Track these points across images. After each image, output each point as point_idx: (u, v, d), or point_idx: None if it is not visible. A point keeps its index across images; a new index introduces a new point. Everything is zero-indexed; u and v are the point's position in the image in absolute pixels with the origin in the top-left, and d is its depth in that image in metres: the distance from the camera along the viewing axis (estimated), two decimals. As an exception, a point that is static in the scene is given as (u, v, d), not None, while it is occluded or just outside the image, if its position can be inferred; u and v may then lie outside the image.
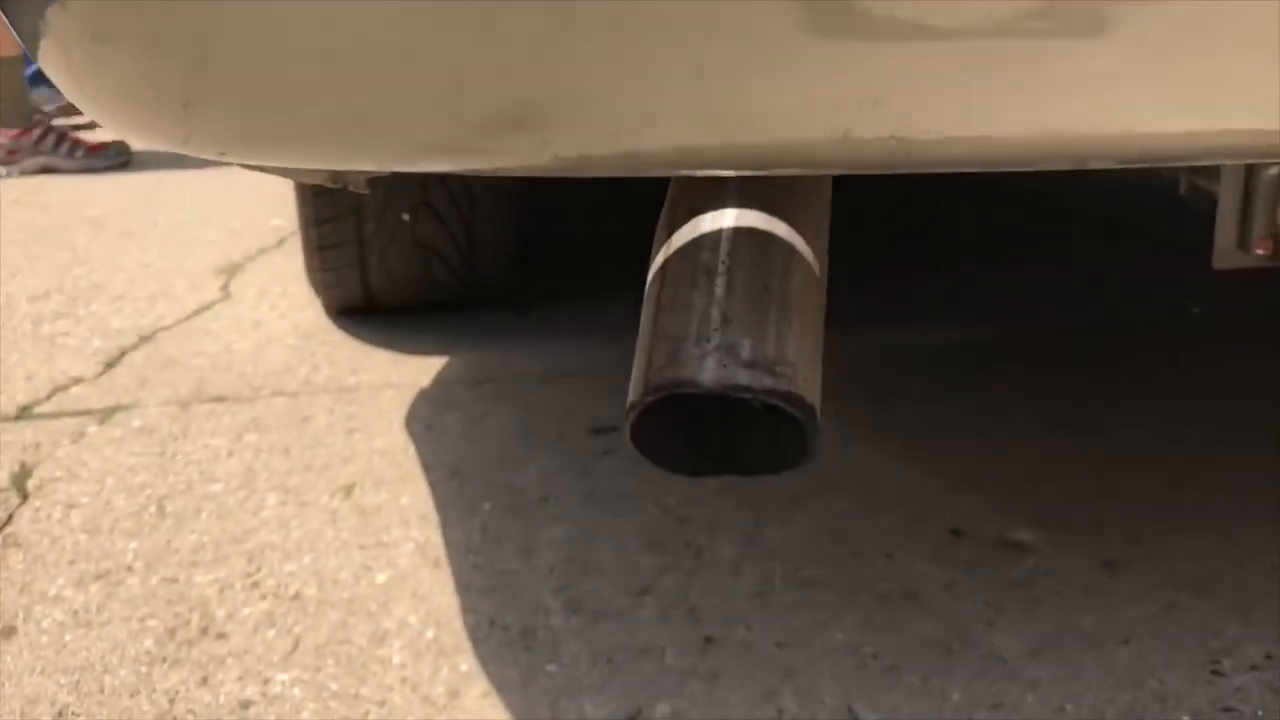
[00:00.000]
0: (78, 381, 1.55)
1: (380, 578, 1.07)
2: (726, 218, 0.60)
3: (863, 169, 0.49)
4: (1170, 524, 1.15)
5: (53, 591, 1.05)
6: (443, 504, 1.21)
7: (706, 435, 0.59)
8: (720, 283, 0.57)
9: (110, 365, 1.61)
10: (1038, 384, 1.49)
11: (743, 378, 0.54)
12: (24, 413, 1.45)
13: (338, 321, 1.77)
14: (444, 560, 1.10)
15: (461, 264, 1.70)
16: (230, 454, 1.33)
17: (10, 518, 1.18)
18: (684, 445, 0.60)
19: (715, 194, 0.61)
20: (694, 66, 0.44)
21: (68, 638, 0.98)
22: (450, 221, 1.64)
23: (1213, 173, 0.75)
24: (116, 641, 0.98)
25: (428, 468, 1.29)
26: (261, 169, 0.67)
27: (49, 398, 1.50)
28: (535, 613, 1.01)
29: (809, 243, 0.61)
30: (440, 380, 1.53)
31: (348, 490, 1.24)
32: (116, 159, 3.21)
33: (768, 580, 1.06)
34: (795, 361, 0.56)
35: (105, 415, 1.44)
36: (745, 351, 0.55)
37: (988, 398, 1.45)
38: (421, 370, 1.57)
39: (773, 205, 0.61)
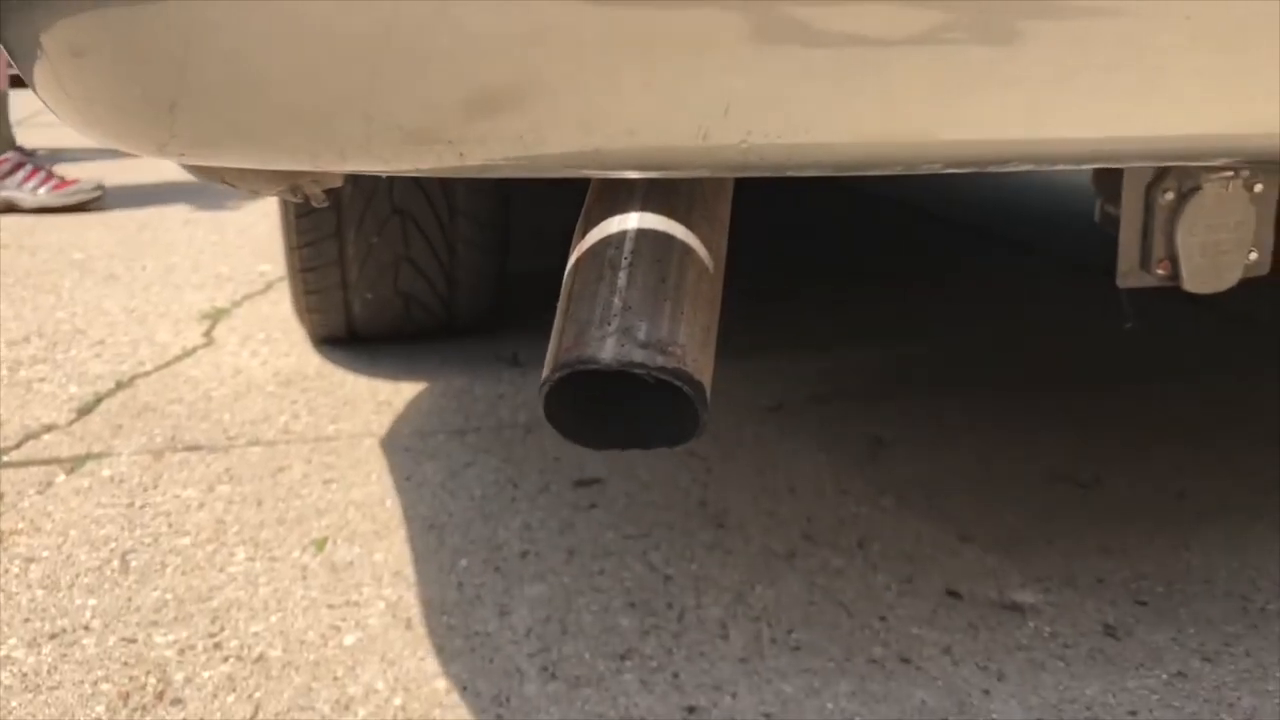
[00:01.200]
0: (50, 429, 1.51)
1: (349, 639, 1.02)
2: (631, 220, 0.68)
3: (722, 171, 0.58)
4: (1176, 584, 1.10)
5: (3, 652, 1.00)
6: (418, 559, 1.16)
7: (613, 413, 0.67)
8: (622, 275, 0.65)
9: (84, 412, 1.56)
10: (1035, 432, 1.45)
11: (638, 355, 0.61)
12: (-9, 461, 1.41)
13: (321, 355, 1.73)
14: (416, 620, 1.05)
15: (443, 283, 1.74)
16: (201, 505, 1.28)
17: (-34, 573, 1.14)
18: (594, 422, 0.67)
19: (624, 199, 0.69)
20: (578, 81, 0.52)
21: (14, 703, 0.93)
22: (433, 238, 1.67)
23: (1118, 199, 0.80)
24: (66, 707, 0.92)
25: (405, 521, 1.24)
26: (225, 180, 0.72)
27: (18, 445, 1.45)
28: (510, 678, 0.96)
29: (705, 241, 0.69)
30: (422, 429, 1.49)
31: (320, 545, 1.19)
32: (75, 196, 3.17)
33: (756, 643, 1.00)
34: (686, 344, 0.63)
35: (75, 464, 1.39)
36: (641, 333, 0.62)
37: (984, 447, 1.41)
38: (403, 418, 1.53)
39: (674, 209, 0.69)
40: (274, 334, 1.93)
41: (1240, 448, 1.40)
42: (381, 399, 1.60)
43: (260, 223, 2.90)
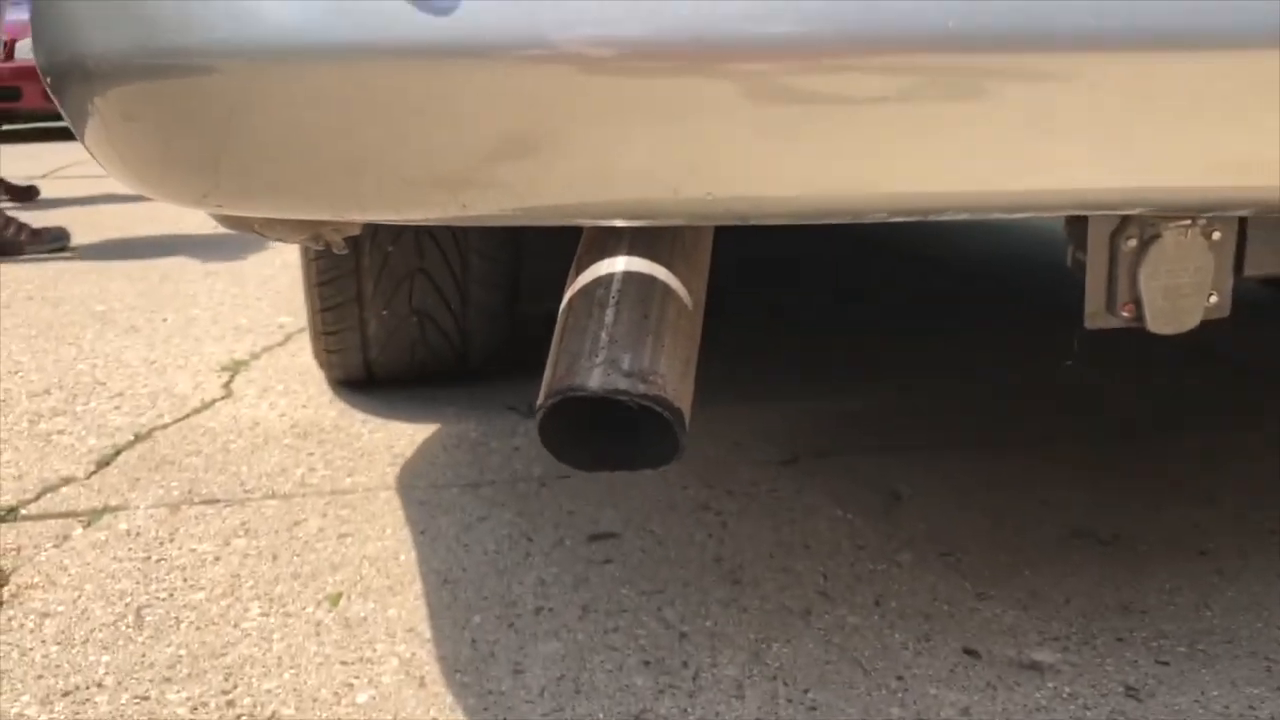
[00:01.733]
0: (68, 481, 1.52)
1: (361, 697, 1.01)
2: (619, 263, 0.75)
3: (693, 220, 0.68)
4: (1199, 644, 1.08)
5: (15, 710, 1.00)
6: (432, 615, 1.15)
7: (601, 438, 0.73)
8: (609, 312, 0.72)
9: (103, 465, 1.57)
10: (1052, 486, 1.44)
11: (622, 384, 0.68)
12: (9, 514, 1.41)
13: (338, 407, 1.74)
14: (430, 678, 1.04)
15: (454, 325, 1.80)
16: (217, 559, 1.28)
17: (-18, 627, 1.14)
18: (584, 445, 0.73)
19: (612, 245, 0.77)
20: (567, 145, 0.60)
21: (27, 761, 0.93)
22: (444, 285, 1.73)
23: (1086, 246, 0.86)
24: (78, 765, 0.92)
25: (419, 575, 1.24)
26: (255, 229, 0.80)
27: (37, 498, 1.46)
28: (523, 737, 0.95)
29: (685, 282, 0.77)
30: (436, 482, 1.49)
31: (334, 600, 1.19)
32: (42, 247, 3.33)
33: (772, 703, 0.99)
34: (666, 373, 0.70)
35: (92, 517, 1.40)
36: (625, 364, 0.69)
37: (1000, 501, 1.40)
38: (418, 471, 1.53)
39: (657, 254, 0.77)
40: (292, 385, 1.94)
41: (1261, 504, 1.39)
42: (397, 451, 1.61)
43: (280, 275, 2.93)
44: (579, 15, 0.57)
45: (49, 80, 0.68)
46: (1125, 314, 0.86)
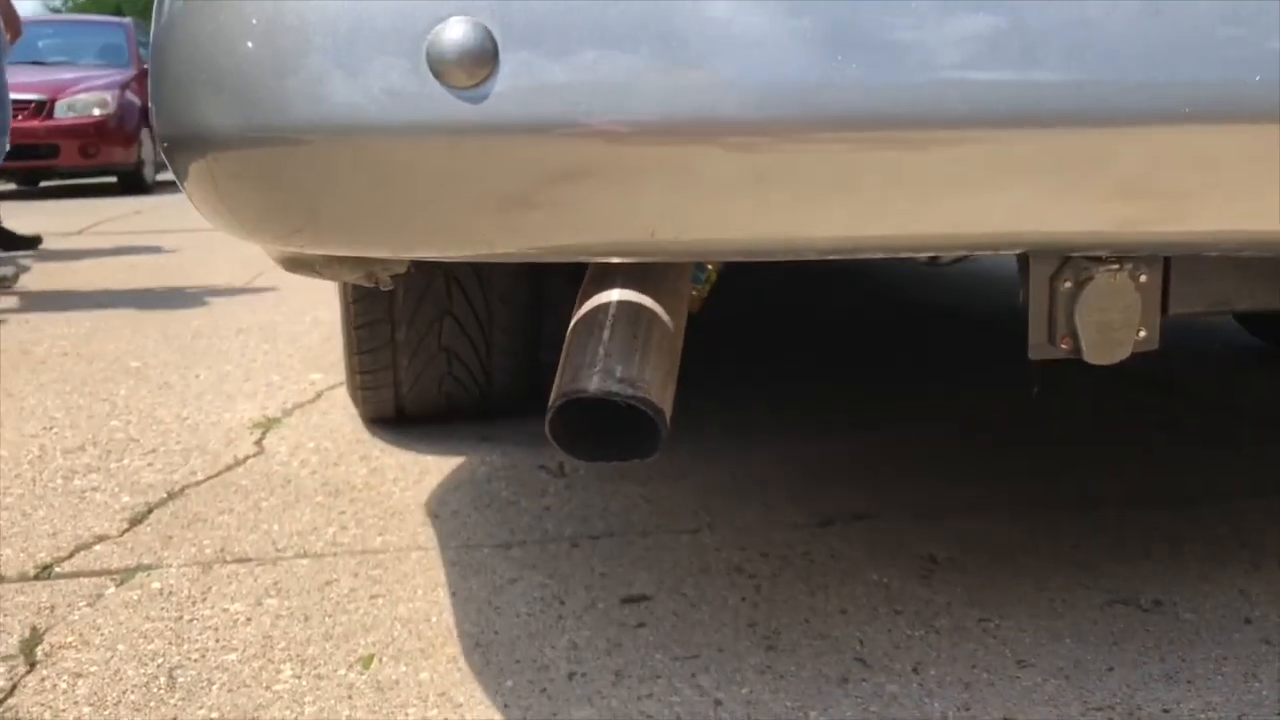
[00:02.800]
0: (101, 539, 1.52)
1: (394, 763, 1.00)
2: (614, 294, 0.94)
3: (671, 257, 0.85)
4: (1246, 716, 1.06)
5: (49, 773, 0.99)
6: (464, 679, 1.14)
7: (601, 436, 0.90)
8: (606, 332, 0.90)
9: (136, 522, 1.58)
10: (1092, 551, 1.42)
11: (615, 388, 0.85)
12: (43, 572, 1.42)
13: (369, 465, 1.74)
14: (463, 744, 1.03)
15: (478, 364, 1.92)
16: (249, 620, 1.28)
17: (14, 688, 1.14)
18: (586, 441, 0.90)
19: (609, 279, 0.96)
20: (571, 200, 0.75)
21: (59, 826, 0.92)
22: (469, 327, 1.86)
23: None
24: (110, 832, 0.91)
25: (451, 638, 1.23)
26: (315, 270, 0.99)
27: (70, 556, 1.47)
28: (557, 808, 0.93)
29: (668, 309, 0.95)
30: (468, 542, 1.49)
31: (366, 662, 1.18)
32: None
33: (810, 774, 0.97)
34: (650, 380, 0.87)
35: (125, 576, 1.40)
36: (618, 373, 0.86)
37: (1039, 566, 1.37)
38: (449, 531, 1.52)
39: (645, 286, 0.95)
40: (324, 443, 1.95)
41: (1306, 570, 1.36)
42: (428, 510, 1.61)
43: (310, 332, 2.95)
44: (573, 105, 0.72)
45: (166, 146, 0.82)
46: (1064, 346, 0.97)
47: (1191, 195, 0.78)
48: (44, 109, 8.96)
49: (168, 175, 11.91)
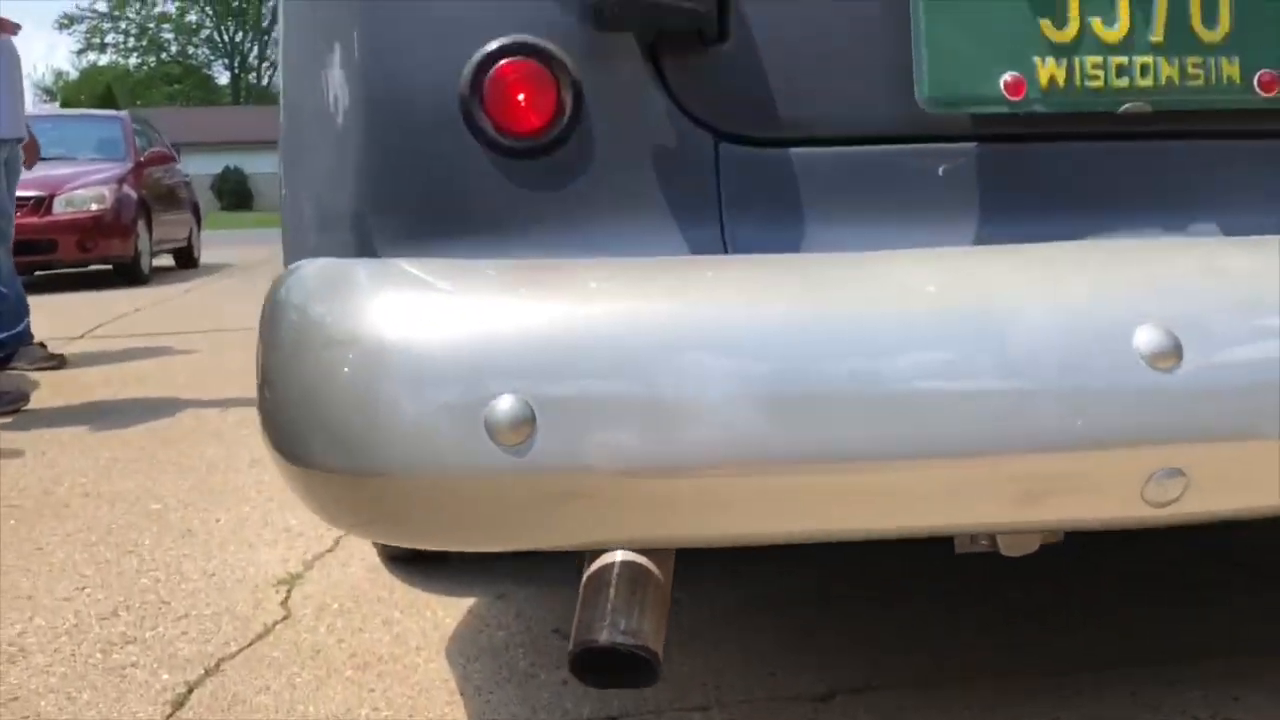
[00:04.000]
0: (146, 724, 1.61)
1: None
2: (618, 555, 1.08)
3: (652, 545, 1.05)
4: None
5: None
6: None
7: (610, 670, 1.06)
8: (611, 590, 1.05)
9: (178, 705, 1.67)
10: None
11: (620, 638, 1.02)
12: (97, 766, 1.51)
13: (393, 630, 1.84)
14: None
15: None
16: (294, 817, 1.37)
17: None
18: (600, 673, 1.06)
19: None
20: (589, 515, 0.98)
21: None
22: None
23: None
24: None
25: (485, 836, 1.32)
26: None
27: (120, 746, 1.56)
28: None
29: (660, 567, 1.10)
30: (494, 725, 1.58)
31: None
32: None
33: None
34: (648, 630, 1.04)
35: (174, 768, 1.49)
36: (621, 626, 1.03)
37: (1029, 746, 1.47)
38: (476, 711, 1.62)
39: (640, 550, 1.10)
40: (346, 603, 2.04)
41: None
42: (452, 685, 1.70)
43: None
44: (585, 455, 0.91)
45: (281, 462, 1.01)
46: (984, 543, 1.13)
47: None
48: (42, 205, 9.11)
49: (161, 262, 11.93)
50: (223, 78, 58.70)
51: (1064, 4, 0.97)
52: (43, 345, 5.17)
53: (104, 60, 56.75)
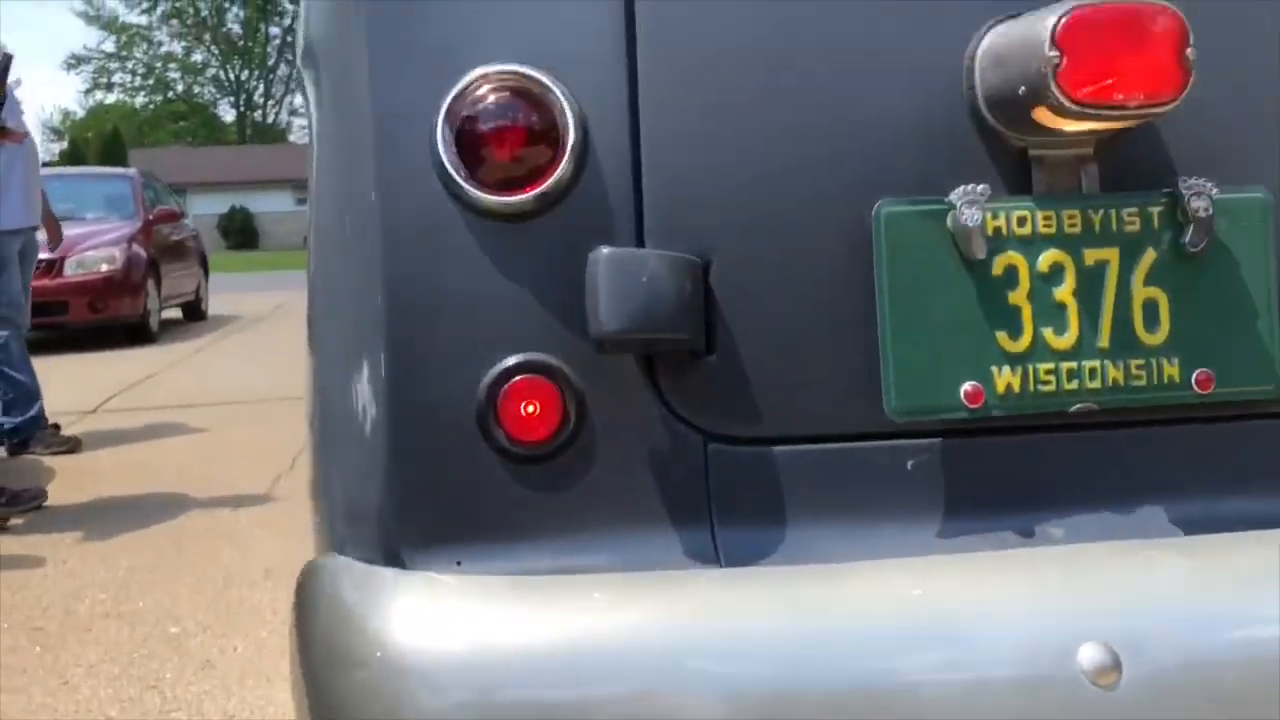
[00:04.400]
0: None
1: None
2: None
3: None
4: None
5: None
6: None
7: None
8: None
9: None
10: None
11: None
12: None
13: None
14: None
15: None
16: None
17: None
18: None
19: None
20: None
21: None
22: None
23: None
24: None
25: None
26: None
27: None
28: None
29: None
30: None
31: None
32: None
33: None
34: None
35: None
36: None
37: None
38: None
39: None
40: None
41: None
42: None
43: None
44: None
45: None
46: None
47: None
48: (54, 267, 9.24)
49: (170, 314, 11.97)
50: (228, 115, 59.34)
51: (1019, 317, 1.07)
52: (56, 427, 5.27)
53: (111, 99, 57.39)
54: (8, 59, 4.45)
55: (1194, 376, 1.08)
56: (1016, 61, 1.03)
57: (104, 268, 9.49)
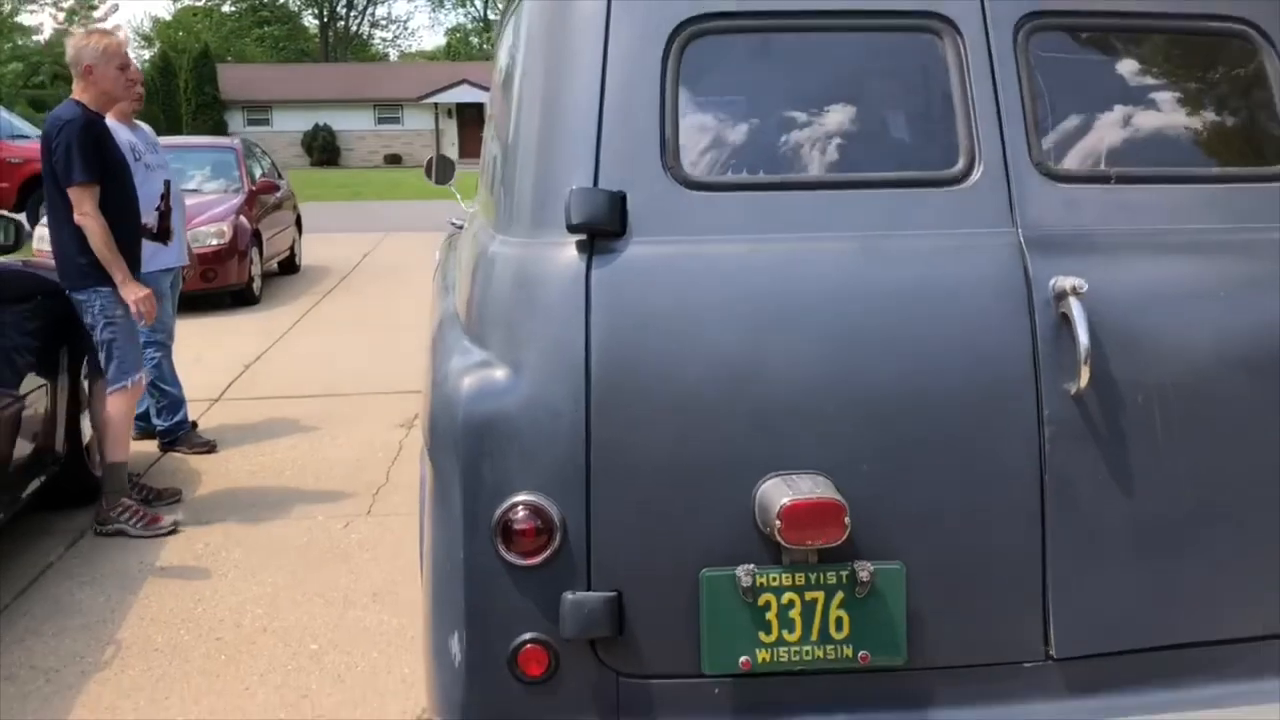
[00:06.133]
0: None
1: None
2: None
3: None
4: None
5: None
6: None
7: None
8: None
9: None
10: None
11: None
12: None
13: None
14: None
15: None
16: None
17: None
18: None
19: None
20: None
21: None
22: None
23: None
24: None
25: None
26: None
27: None
28: None
29: None
30: None
31: None
32: (160, 531, 4.94)
33: None
34: None
35: None
36: None
37: None
38: None
39: None
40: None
41: None
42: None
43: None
44: None
45: None
46: None
47: None
48: (172, 242, 10.47)
49: (267, 267, 13.02)
50: (312, 26, 60.05)
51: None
52: (194, 425, 6.45)
53: (200, 2, 58.40)
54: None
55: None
56: None
57: (214, 242, 10.63)
